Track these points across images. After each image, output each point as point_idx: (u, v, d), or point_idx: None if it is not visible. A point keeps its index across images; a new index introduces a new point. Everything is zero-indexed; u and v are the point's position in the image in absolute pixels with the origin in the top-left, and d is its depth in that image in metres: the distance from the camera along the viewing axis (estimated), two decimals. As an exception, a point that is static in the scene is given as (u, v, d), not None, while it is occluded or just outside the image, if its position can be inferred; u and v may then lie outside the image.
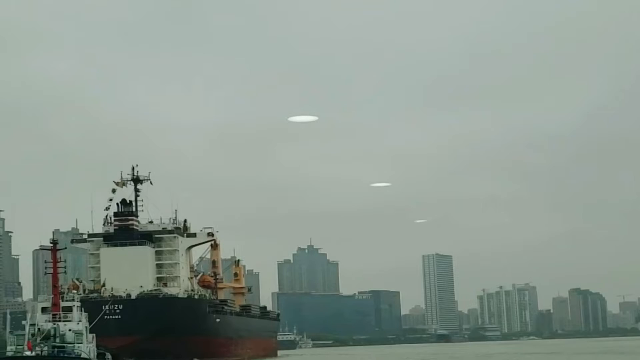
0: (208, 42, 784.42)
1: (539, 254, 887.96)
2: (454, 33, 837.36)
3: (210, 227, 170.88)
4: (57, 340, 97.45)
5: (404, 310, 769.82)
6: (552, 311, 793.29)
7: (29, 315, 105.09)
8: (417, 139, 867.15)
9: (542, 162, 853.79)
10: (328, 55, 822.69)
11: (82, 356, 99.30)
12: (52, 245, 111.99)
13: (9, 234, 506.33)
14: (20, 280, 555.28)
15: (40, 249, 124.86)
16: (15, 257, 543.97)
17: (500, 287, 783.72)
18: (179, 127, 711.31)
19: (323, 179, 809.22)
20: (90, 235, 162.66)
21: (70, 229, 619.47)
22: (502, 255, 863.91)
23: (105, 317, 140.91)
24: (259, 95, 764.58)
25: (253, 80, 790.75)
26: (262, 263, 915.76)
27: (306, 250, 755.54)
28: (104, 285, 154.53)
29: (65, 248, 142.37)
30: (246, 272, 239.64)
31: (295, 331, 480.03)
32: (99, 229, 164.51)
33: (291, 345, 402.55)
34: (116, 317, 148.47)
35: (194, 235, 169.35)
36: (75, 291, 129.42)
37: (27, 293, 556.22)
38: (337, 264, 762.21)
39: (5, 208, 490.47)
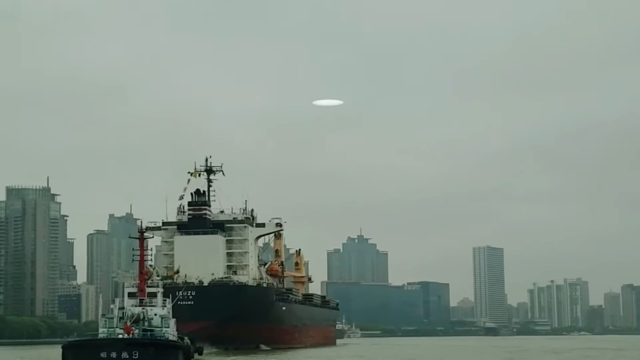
0: (263, 29, 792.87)
1: (591, 248, 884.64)
2: (501, 20, 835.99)
3: (279, 218, 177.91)
4: (146, 324, 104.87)
5: (453, 302, 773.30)
6: (603, 307, 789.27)
7: (117, 300, 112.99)
8: (467, 129, 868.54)
9: (594, 154, 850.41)
10: (380, 45, 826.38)
11: (170, 339, 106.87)
12: (139, 233, 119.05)
13: (65, 218, 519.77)
14: (74, 264, 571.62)
15: (130, 238, 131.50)
16: (70, 240, 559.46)
17: (552, 281, 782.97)
18: (231, 114, 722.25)
19: (374, 169, 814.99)
20: (164, 224, 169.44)
21: (124, 215, 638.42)
22: (554, 249, 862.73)
23: (179, 302, 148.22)
24: (310, 82, 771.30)
25: (305, 68, 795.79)
26: (311, 252, 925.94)
27: (356, 240, 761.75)
28: (177, 272, 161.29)
29: (153, 237, 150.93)
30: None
31: (343, 321, 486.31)
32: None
33: (339, 334, 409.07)
34: (189, 303, 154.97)
35: (262, 225, 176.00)
36: (158, 278, 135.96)
37: (81, 276, 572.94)
38: (387, 254, 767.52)
39: (61, 192, 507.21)
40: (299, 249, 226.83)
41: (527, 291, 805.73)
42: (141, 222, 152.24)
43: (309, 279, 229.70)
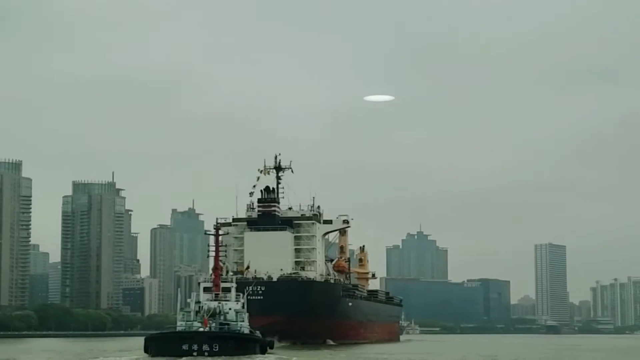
0: (319, 26, 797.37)
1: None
2: (560, 13, 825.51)
3: (346, 215, 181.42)
4: (222, 318, 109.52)
5: (513, 299, 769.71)
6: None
7: (193, 294, 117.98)
8: (530, 123, 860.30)
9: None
10: (439, 39, 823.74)
11: (247, 333, 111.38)
12: (215, 230, 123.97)
13: (129, 213, 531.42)
14: (138, 258, 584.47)
15: (205, 234, 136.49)
16: (134, 235, 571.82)
17: (615, 279, 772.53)
18: (292, 110, 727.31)
19: (434, 164, 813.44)
20: (234, 220, 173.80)
21: (187, 209, 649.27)
22: (618, 246, 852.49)
23: (248, 297, 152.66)
24: (369, 77, 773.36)
25: (364, 62, 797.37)
26: (370, 248, 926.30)
27: (415, 236, 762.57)
28: (248, 267, 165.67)
29: (228, 233, 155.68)
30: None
31: (402, 317, 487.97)
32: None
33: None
34: (258, 297, 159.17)
35: (330, 222, 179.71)
36: (231, 273, 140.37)
37: (145, 270, 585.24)
38: (447, 250, 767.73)
39: (126, 187, 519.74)
40: (363, 246, 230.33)
41: (590, 289, 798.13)
42: (217, 219, 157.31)
43: (373, 275, 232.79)
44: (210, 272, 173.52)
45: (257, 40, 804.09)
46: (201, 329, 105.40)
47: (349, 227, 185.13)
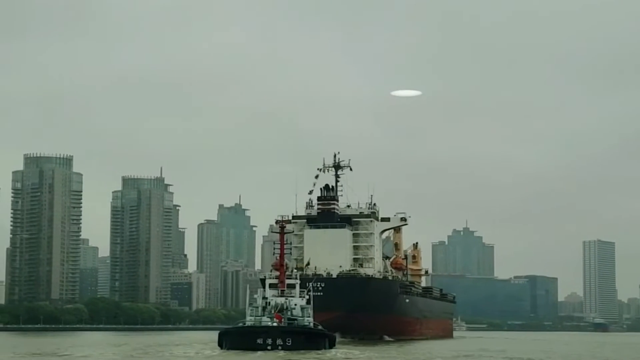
0: (376, 17, 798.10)
1: None
2: (618, 7, 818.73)
3: (403, 213, 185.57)
4: (289, 313, 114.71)
5: (561, 297, 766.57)
6: None
7: (260, 291, 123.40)
8: (580, 120, 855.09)
9: None
10: (490, 33, 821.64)
11: (318, 328, 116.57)
12: (280, 229, 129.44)
13: (177, 208, 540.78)
14: (185, 252, 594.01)
15: (271, 232, 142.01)
16: (181, 230, 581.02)
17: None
18: (340, 104, 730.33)
19: (481, 159, 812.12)
20: (294, 217, 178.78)
21: (233, 205, 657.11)
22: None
23: (309, 293, 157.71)
24: (417, 70, 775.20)
25: (411, 55, 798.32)
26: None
27: (461, 232, 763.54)
28: (308, 264, 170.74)
29: (293, 232, 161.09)
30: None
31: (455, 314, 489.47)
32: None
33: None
34: (318, 293, 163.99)
35: (387, 219, 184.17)
36: (295, 270, 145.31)
37: (192, 265, 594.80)
38: (493, 247, 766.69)
39: (174, 182, 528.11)
40: (416, 243, 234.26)
41: (639, 287, 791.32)
42: (281, 218, 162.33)
43: (426, 272, 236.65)
44: (271, 268, 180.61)
45: (303, 35, 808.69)
46: (274, 324, 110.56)
47: (406, 224, 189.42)
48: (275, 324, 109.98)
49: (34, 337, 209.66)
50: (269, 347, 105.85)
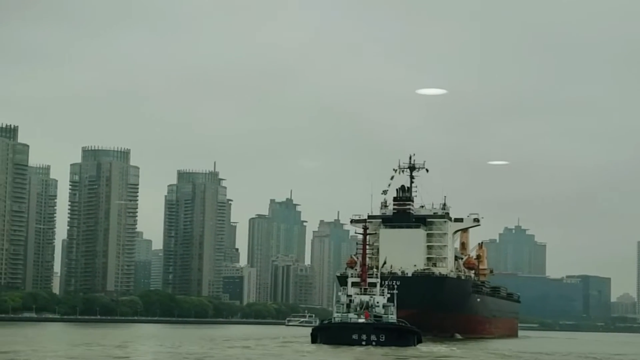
0: (434, 12, 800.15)
1: None
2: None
3: (476, 213, 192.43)
4: (373, 311, 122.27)
5: (613, 297, 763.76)
6: None
7: (343, 289, 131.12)
8: (632, 118, 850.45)
9: None
10: (555, 30, 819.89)
11: (408, 325, 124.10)
12: (363, 229, 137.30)
13: (229, 202, 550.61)
14: (237, 247, 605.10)
15: (356, 233, 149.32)
16: (233, 224, 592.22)
17: None
18: (399, 100, 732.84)
19: (535, 157, 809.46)
20: (369, 217, 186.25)
21: (284, 200, 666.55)
22: None
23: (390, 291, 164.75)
24: (478, 65, 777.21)
25: (472, 51, 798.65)
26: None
27: (513, 231, 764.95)
28: (385, 262, 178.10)
29: (376, 234, 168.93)
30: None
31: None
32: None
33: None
34: (394, 292, 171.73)
35: (460, 220, 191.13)
36: (376, 270, 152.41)
37: (243, 259, 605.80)
38: (545, 245, 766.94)
39: (227, 177, 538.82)
40: (482, 242, 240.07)
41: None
42: (366, 221, 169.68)
43: (491, 272, 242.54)
44: (345, 266, 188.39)
45: (361, 30, 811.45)
46: (368, 321, 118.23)
47: (479, 225, 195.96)
48: (366, 321, 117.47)
49: (102, 329, 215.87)
50: (363, 343, 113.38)
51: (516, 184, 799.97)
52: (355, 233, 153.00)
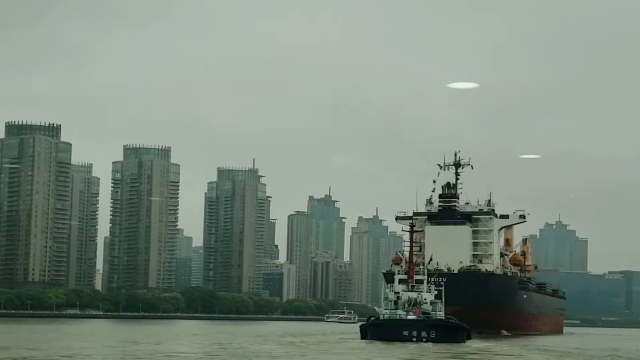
0: (466, 5, 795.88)
1: None
2: None
3: (522, 210, 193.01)
4: (421, 307, 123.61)
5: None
6: None
7: (390, 286, 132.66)
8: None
9: None
10: (586, 26, 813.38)
11: (458, 322, 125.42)
12: (410, 227, 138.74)
13: (269, 199, 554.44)
14: (276, 243, 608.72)
15: (403, 231, 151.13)
16: (272, 221, 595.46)
17: None
18: (428, 93, 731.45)
19: (575, 152, 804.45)
20: (415, 214, 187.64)
21: (323, 196, 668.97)
22: None
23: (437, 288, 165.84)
24: (523, 57, 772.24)
25: (514, 42, 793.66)
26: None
27: (554, 226, 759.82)
28: (430, 259, 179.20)
29: (422, 231, 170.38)
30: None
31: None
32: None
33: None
34: (440, 289, 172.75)
35: (506, 216, 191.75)
36: (422, 266, 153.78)
37: (282, 256, 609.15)
38: (587, 241, 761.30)
39: (266, 174, 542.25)
40: (526, 238, 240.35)
41: None
42: (411, 218, 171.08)
43: (535, 268, 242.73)
44: (391, 263, 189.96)
45: (397, 24, 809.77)
46: (417, 317, 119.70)
47: (524, 221, 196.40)
48: (416, 318, 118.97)
49: (146, 325, 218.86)
50: (414, 339, 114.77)
51: (550, 177, 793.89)
52: (403, 230, 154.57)
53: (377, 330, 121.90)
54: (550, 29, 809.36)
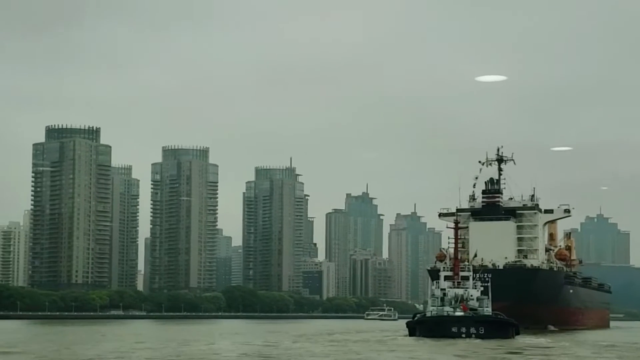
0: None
1: None
2: None
3: (567, 204, 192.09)
4: (467, 304, 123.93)
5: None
6: None
7: (436, 282, 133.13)
8: None
9: None
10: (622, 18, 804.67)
11: (506, 318, 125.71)
12: (454, 224, 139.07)
13: (306, 197, 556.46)
14: (315, 242, 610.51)
15: (447, 227, 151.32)
16: (310, 219, 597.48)
17: None
18: (474, 88, 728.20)
19: (615, 145, 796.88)
20: (458, 210, 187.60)
21: (360, 194, 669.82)
22: None
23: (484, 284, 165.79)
24: (561, 50, 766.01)
25: (542, 37, 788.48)
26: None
27: (595, 219, 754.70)
28: (475, 255, 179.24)
29: (467, 227, 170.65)
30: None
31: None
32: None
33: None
34: (485, 284, 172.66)
35: (551, 211, 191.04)
36: (467, 263, 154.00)
37: (320, 254, 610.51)
38: (629, 234, 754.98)
39: (303, 172, 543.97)
40: (569, 232, 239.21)
41: None
42: (456, 216, 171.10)
43: (580, 262, 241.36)
44: (435, 259, 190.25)
45: (430, 18, 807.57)
46: (466, 314, 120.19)
47: (569, 216, 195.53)
48: (464, 314, 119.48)
49: (192, 325, 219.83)
50: (463, 335, 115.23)
51: (596, 172, 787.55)
52: (447, 227, 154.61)
53: (425, 327, 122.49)
54: (578, 22, 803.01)
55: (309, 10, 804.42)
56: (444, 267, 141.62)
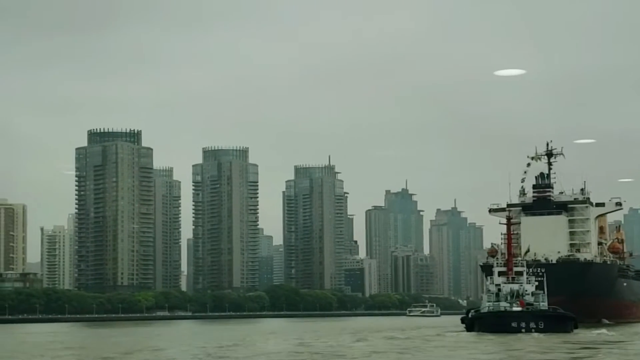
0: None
1: None
2: None
3: (619, 197, 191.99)
4: (523, 299, 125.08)
5: None
6: None
7: (488, 278, 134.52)
8: None
9: None
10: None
11: (565, 312, 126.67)
12: (507, 220, 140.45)
13: (346, 195, 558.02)
14: (355, 239, 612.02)
15: (500, 223, 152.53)
16: (350, 216, 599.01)
17: None
18: (510, 79, 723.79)
19: (623, 135, 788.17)
20: (509, 205, 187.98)
21: (400, 190, 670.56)
22: None
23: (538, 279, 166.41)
24: (596, 42, 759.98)
25: (558, 29, 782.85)
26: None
27: (639, 211, 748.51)
28: (527, 250, 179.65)
29: (520, 223, 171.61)
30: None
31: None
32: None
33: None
34: (540, 279, 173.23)
35: (602, 204, 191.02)
36: (520, 258, 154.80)
37: (361, 251, 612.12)
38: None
39: (342, 170, 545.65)
40: (619, 225, 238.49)
41: None
42: (506, 210, 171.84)
43: (630, 254, 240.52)
44: (487, 254, 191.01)
45: (468, 11, 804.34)
46: (524, 309, 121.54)
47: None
48: (522, 309, 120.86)
49: (240, 324, 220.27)
50: (522, 330, 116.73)
51: (608, 161, 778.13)
52: (500, 223, 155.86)
53: (484, 322, 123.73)
54: (594, 13, 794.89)
55: (344, 7, 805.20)
56: (497, 263, 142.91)
